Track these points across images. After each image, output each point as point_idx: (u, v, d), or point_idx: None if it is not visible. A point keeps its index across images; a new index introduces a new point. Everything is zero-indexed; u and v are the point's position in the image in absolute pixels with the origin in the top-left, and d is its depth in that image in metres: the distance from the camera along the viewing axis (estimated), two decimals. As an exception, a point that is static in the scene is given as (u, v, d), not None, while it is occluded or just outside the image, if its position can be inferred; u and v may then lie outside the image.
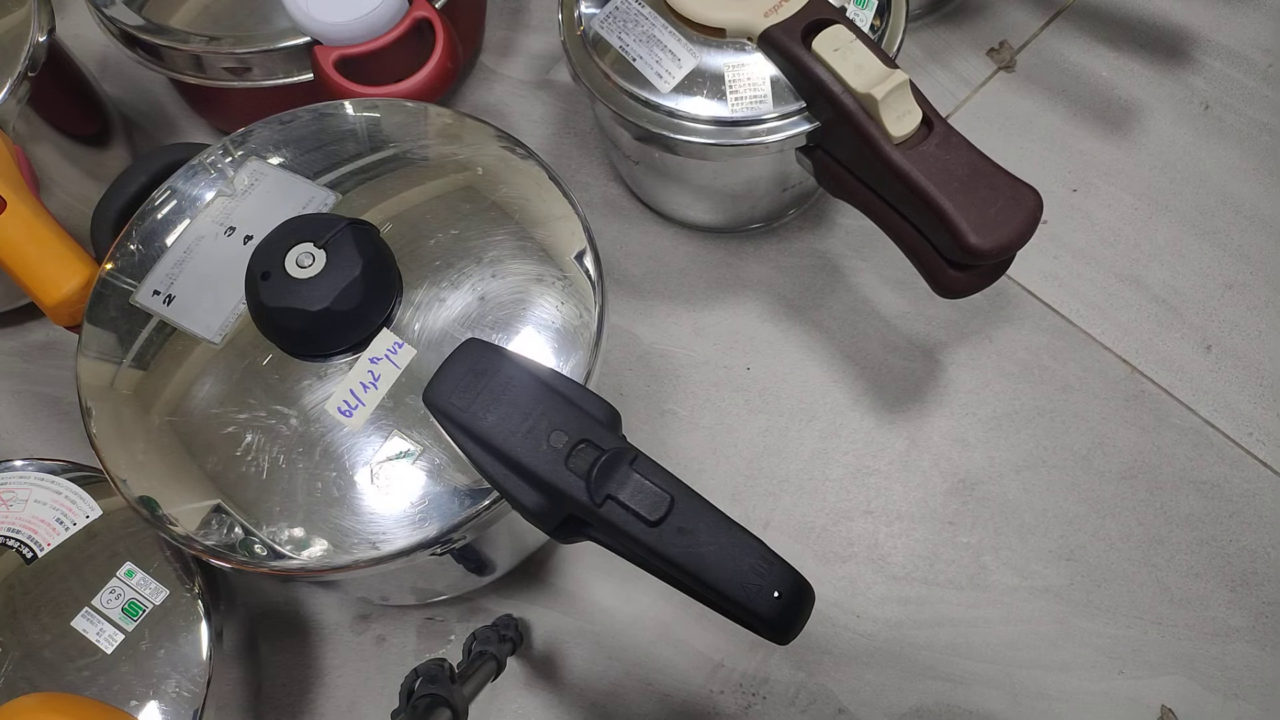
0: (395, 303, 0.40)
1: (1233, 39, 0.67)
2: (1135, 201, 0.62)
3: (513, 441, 0.33)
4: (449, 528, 0.37)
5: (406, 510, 0.38)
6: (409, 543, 0.37)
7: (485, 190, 0.43)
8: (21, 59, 0.51)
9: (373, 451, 0.38)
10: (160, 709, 0.41)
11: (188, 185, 0.45)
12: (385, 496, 0.38)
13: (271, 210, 0.43)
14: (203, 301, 0.41)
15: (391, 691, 0.46)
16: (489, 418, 0.34)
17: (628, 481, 0.32)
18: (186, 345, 0.41)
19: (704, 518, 0.32)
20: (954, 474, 0.54)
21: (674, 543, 0.32)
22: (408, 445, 0.38)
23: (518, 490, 0.34)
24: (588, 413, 0.34)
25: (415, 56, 0.51)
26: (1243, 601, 0.51)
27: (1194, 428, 0.55)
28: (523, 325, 0.41)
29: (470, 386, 0.35)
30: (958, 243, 0.43)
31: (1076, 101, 0.65)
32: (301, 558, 0.37)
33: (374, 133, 0.46)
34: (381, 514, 0.38)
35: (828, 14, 0.46)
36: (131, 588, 0.43)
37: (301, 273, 0.38)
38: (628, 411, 0.57)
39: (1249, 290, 0.59)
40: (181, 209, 0.44)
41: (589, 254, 0.43)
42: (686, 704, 0.50)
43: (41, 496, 0.45)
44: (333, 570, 0.38)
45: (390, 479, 0.38)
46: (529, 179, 0.44)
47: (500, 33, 0.70)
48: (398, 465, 0.38)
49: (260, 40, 0.53)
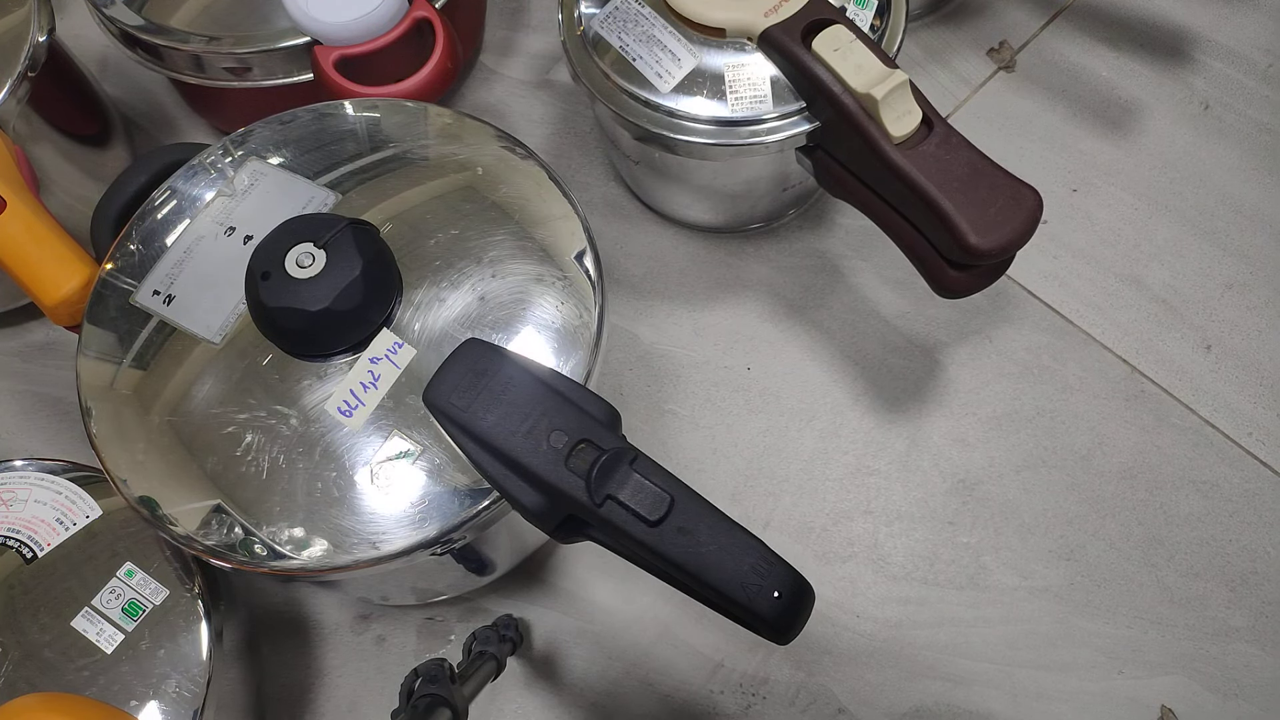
0: (395, 303, 0.40)
1: (1233, 39, 0.67)
2: (1135, 201, 0.62)
3: (513, 441, 0.33)
4: (449, 528, 0.37)
5: (406, 510, 0.38)
6: (409, 543, 0.37)
7: (485, 190, 0.43)
8: (21, 59, 0.51)
9: (373, 451, 0.38)
10: (160, 709, 0.41)
11: (188, 185, 0.45)
12: (385, 496, 0.38)
13: (271, 210, 0.43)
14: (203, 301, 0.41)
15: (391, 691, 0.46)
16: (489, 418, 0.34)
17: (628, 481, 0.32)
18: (186, 345, 0.41)
19: (704, 518, 0.32)
20: (954, 474, 0.54)
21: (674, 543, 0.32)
22: (408, 445, 0.38)
23: (518, 490, 0.34)
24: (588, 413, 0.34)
25: (415, 56, 0.51)
26: (1243, 601, 0.51)
27: (1194, 428, 0.55)
28: (523, 325, 0.41)
29: (470, 386, 0.35)
30: (958, 243, 0.43)
31: (1076, 101, 0.65)
32: (301, 558, 0.37)
33: (374, 133, 0.46)
34: (381, 514, 0.38)
35: (828, 14, 0.46)
36: (131, 588, 0.43)
37: (301, 273, 0.38)
38: (628, 411, 0.57)
39: (1249, 290, 0.59)
40: (181, 209, 0.44)
41: (589, 254, 0.43)
42: (686, 704, 0.50)
43: (41, 496, 0.45)
44: (333, 570, 0.38)
45: (390, 479, 0.38)
46: (529, 179, 0.44)
47: (500, 33, 0.70)
48: (398, 465, 0.38)
49: (260, 40, 0.53)
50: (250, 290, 0.39)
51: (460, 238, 0.42)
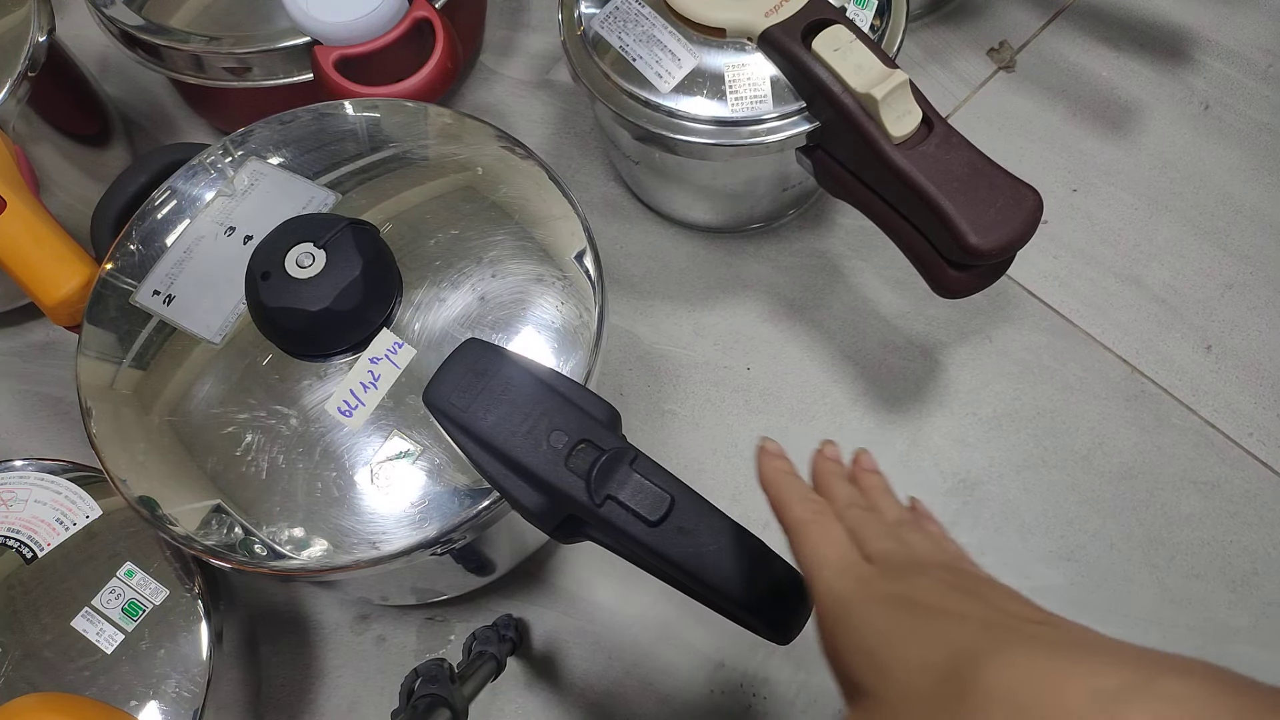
0: (395, 303, 0.40)
1: (1233, 39, 0.67)
2: (1135, 201, 0.62)
3: (513, 441, 0.33)
4: (449, 528, 0.37)
5: (406, 510, 0.38)
6: (409, 543, 0.37)
7: (485, 190, 0.43)
8: (21, 59, 0.51)
9: (373, 451, 0.38)
10: (160, 709, 0.41)
11: (188, 185, 0.45)
12: (385, 496, 0.38)
13: (271, 210, 0.43)
14: (203, 301, 0.41)
15: (391, 691, 0.46)
16: (489, 418, 0.34)
17: (628, 481, 0.32)
18: (186, 345, 0.41)
19: (705, 518, 0.32)
20: (954, 474, 0.54)
21: (674, 543, 0.32)
22: (408, 445, 0.38)
23: (518, 490, 0.34)
24: (588, 413, 0.34)
25: (415, 56, 0.51)
26: (1243, 601, 0.51)
27: (1194, 428, 0.55)
28: (523, 325, 0.41)
29: (470, 386, 0.35)
30: (958, 243, 0.43)
31: (1076, 101, 0.65)
32: (301, 558, 0.37)
33: (374, 133, 0.46)
34: (381, 514, 0.38)
35: (828, 14, 0.46)
36: (131, 588, 0.43)
37: (301, 273, 0.38)
38: (628, 411, 0.57)
39: (1249, 290, 0.59)
40: (181, 209, 0.44)
41: (589, 254, 0.43)
42: (686, 704, 0.50)
43: (41, 496, 0.45)
44: (333, 570, 0.38)
45: (390, 479, 0.38)
46: (529, 179, 0.44)
47: (500, 33, 0.70)
48: (398, 465, 0.38)
49: (260, 40, 0.53)
50: (250, 290, 0.39)
51: (460, 238, 0.42)
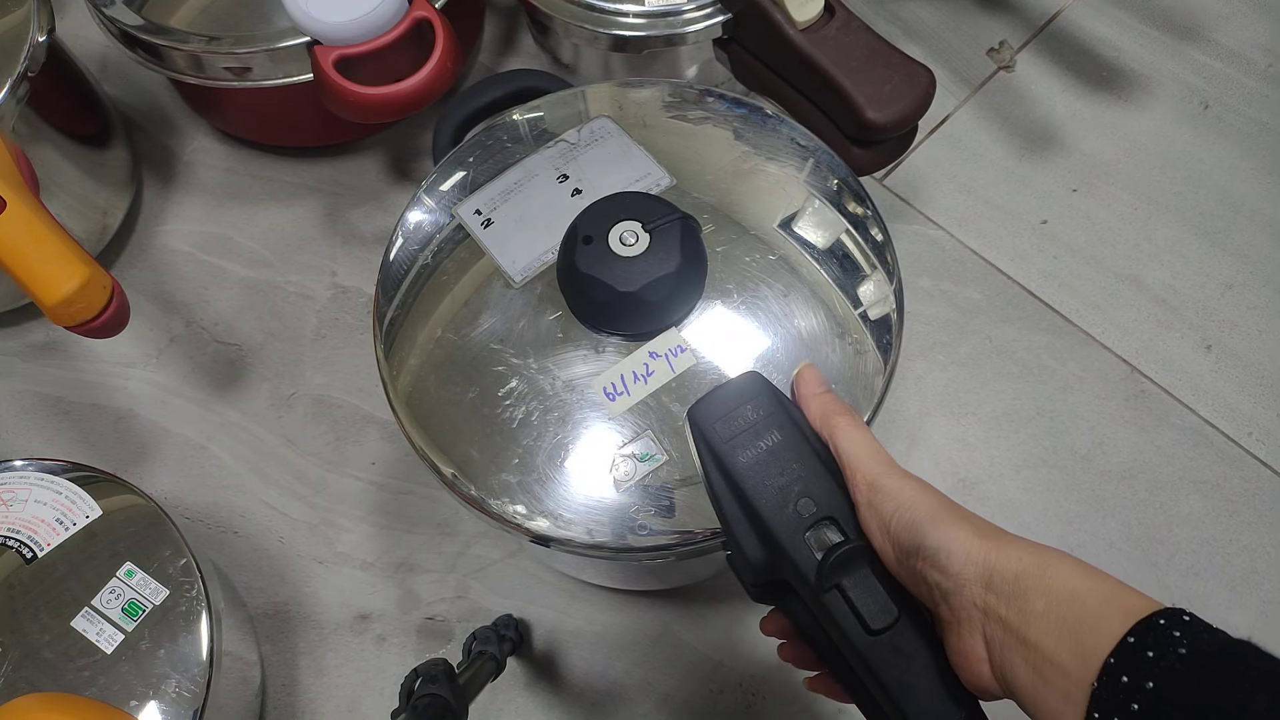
0: (693, 306, 0.39)
1: (1233, 39, 0.67)
2: (1135, 201, 0.62)
3: (760, 490, 0.31)
4: (660, 545, 0.37)
5: (629, 511, 0.37)
6: (620, 543, 0.37)
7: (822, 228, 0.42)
8: (21, 59, 0.51)
9: (620, 442, 0.37)
10: (160, 709, 0.41)
11: (535, 117, 0.45)
12: (615, 489, 0.37)
13: (605, 172, 0.42)
14: (517, 237, 0.41)
15: (391, 691, 0.46)
16: (745, 458, 0.32)
17: (861, 580, 0.30)
18: (487, 274, 0.41)
19: (924, 648, 0.30)
20: (954, 474, 0.54)
21: (886, 661, 0.29)
22: (655, 450, 0.37)
23: (745, 538, 0.32)
24: (844, 493, 0.32)
25: (415, 56, 0.51)
26: (1243, 601, 0.51)
27: (1194, 428, 0.55)
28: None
29: (738, 419, 0.33)
30: (856, 118, 0.46)
31: (1076, 101, 0.65)
32: (510, 512, 0.37)
33: (741, 133, 0.45)
34: (606, 504, 0.37)
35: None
36: (131, 588, 0.43)
37: (623, 250, 0.37)
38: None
39: (1249, 290, 0.59)
40: (521, 138, 0.44)
41: (894, 325, 0.41)
42: (686, 704, 0.50)
43: (41, 496, 0.45)
44: (534, 536, 0.37)
45: (627, 475, 0.37)
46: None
47: (500, 33, 0.70)
48: (638, 465, 0.37)
49: (260, 40, 0.53)
50: (567, 248, 0.38)
51: (780, 265, 0.40)
